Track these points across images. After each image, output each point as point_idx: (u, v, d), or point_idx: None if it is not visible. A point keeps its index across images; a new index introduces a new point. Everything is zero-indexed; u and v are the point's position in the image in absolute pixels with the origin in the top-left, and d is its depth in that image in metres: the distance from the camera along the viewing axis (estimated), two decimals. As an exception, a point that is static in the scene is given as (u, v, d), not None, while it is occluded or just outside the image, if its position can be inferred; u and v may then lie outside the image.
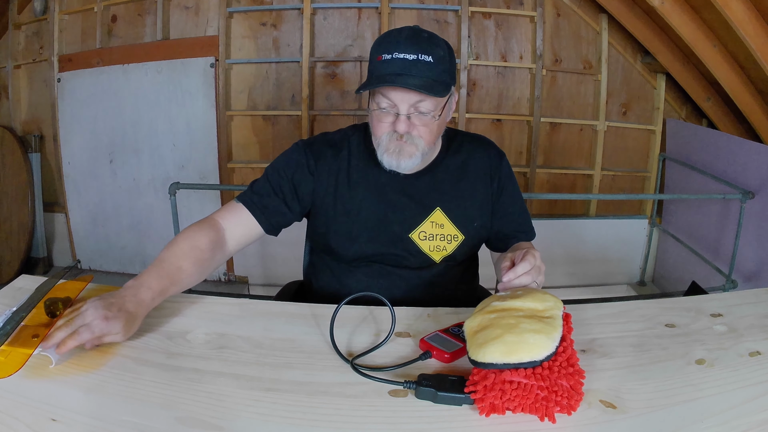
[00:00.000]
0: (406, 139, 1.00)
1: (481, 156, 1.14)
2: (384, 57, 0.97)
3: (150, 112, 2.86)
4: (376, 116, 1.01)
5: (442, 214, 1.10)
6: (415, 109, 0.98)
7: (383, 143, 1.02)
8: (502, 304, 0.77)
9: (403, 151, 1.01)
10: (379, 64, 0.98)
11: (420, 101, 0.97)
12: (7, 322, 0.80)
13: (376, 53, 0.99)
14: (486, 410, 0.67)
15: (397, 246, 1.09)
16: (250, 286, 3.00)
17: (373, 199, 1.09)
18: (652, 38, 2.63)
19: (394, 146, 1.01)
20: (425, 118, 0.99)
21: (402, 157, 1.01)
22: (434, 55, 0.96)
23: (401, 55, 0.95)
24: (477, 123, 2.92)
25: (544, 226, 2.93)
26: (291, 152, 1.11)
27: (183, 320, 0.90)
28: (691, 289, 2.29)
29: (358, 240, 1.08)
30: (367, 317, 0.93)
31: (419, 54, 0.95)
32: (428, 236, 1.09)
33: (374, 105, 1.00)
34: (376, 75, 0.98)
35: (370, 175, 1.10)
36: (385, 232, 1.08)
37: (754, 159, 2.32)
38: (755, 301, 1.01)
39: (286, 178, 1.08)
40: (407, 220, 1.09)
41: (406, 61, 0.95)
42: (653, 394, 0.72)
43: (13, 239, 2.98)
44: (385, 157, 1.02)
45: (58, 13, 2.90)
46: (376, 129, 1.02)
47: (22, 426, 0.63)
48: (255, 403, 0.69)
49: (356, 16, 2.86)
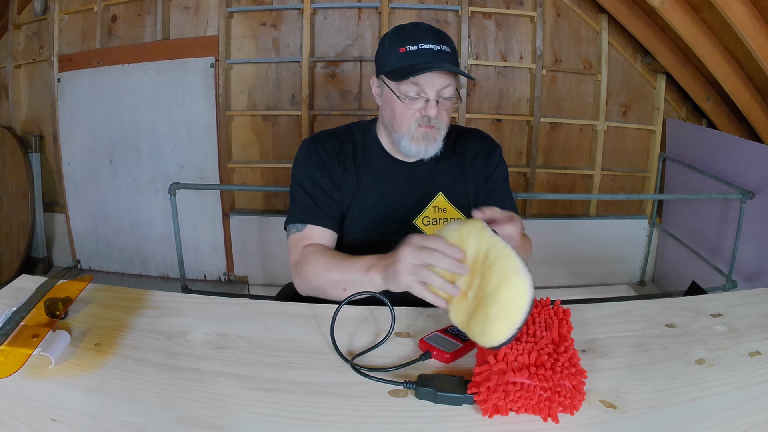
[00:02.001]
0: (434, 124, 1.05)
1: (477, 144, 1.21)
2: (409, 48, 1.02)
3: (150, 112, 2.86)
4: (403, 105, 1.05)
5: (444, 199, 1.15)
6: (440, 95, 1.04)
7: (410, 131, 1.06)
8: (461, 286, 0.76)
9: (429, 136, 1.07)
10: (405, 55, 1.03)
11: (445, 87, 1.04)
12: (7, 322, 0.80)
13: (397, 46, 1.04)
14: (489, 411, 0.67)
15: (402, 232, 1.10)
16: (250, 286, 3.00)
17: (377, 186, 1.13)
18: (652, 38, 2.63)
19: (422, 133, 1.06)
20: (448, 104, 1.06)
21: (429, 143, 1.07)
22: (450, 46, 1.05)
23: (426, 45, 1.02)
24: (477, 123, 2.92)
25: (544, 226, 2.93)
26: (304, 154, 1.14)
27: (183, 320, 0.90)
28: (691, 289, 2.29)
29: (364, 227, 1.12)
30: (368, 317, 0.93)
31: (440, 45, 1.03)
32: (432, 221, 1.14)
33: (400, 95, 1.04)
34: (406, 65, 1.03)
35: (374, 163, 1.14)
36: (389, 219, 1.12)
37: (754, 159, 2.32)
38: (755, 301, 1.01)
39: (319, 175, 1.11)
40: (411, 207, 1.13)
41: (432, 50, 1.02)
42: (653, 394, 0.72)
43: (13, 239, 2.98)
44: (412, 146, 1.07)
45: (58, 13, 2.90)
46: (402, 118, 1.06)
47: (22, 426, 0.63)
48: (255, 403, 0.69)
49: (356, 16, 2.86)
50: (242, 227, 2.93)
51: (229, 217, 2.93)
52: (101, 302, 0.94)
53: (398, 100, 1.05)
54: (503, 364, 0.67)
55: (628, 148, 3.02)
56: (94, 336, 0.84)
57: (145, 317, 0.90)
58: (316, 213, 1.09)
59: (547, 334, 0.73)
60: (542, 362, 0.68)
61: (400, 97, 1.05)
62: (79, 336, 0.84)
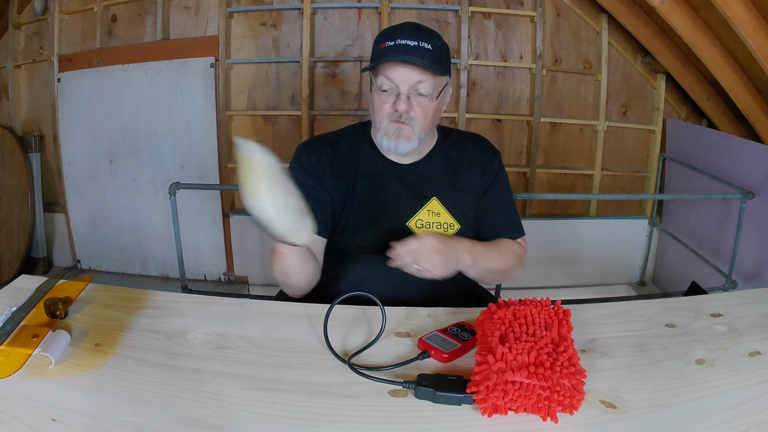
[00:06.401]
0: (405, 119, 1.05)
1: (475, 151, 1.20)
2: (387, 44, 1.04)
3: (150, 112, 2.86)
4: (377, 99, 1.06)
5: (438, 203, 1.14)
6: (415, 90, 1.04)
7: (383, 126, 1.07)
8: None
9: (401, 133, 1.06)
10: (382, 50, 1.04)
11: (420, 82, 1.03)
12: (7, 322, 0.80)
13: (379, 42, 1.06)
14: (488, 410, 0.67)
15: (395, 234, 1.11)
16: (250, 286, 3.00)
17: (371, 189, 1.13)
18: (652, 38, 2.63)
19: (393, 128, 1.06)
20: (423, 100, 1.05)
21: (400, 139, 1.07)
22: (433, 44, 1.03)
23: (403, 41, 1.02)
24: (477, 123, 2.92)
25: (544, 226, 2.93)
26: (296, 160, 1.15)
27: (183, 320, 0.90)
28: (691, 289, 2.29)
29: (358, 229, 1.12)
30: (360, 317, 0.93)
31: (420, 41, 1.03)
32: (425, 224, 1.13)
33: (375, 88, 1.06)
34: (379, 57, 1.04)
35: (368, 166, 1.14)
36: (383, 221, 1.12)
37: (754, 159, 2.32)
38: (755, 301, 1.01)
39: (311, 183, 1.11)
40: (405, 209, 1.13)
41: (408, 46, 1.02)
42: (653, 394, 0.72)
43: (13, 239, 2.98)
44: (384, 140, 1.08)
45: (58, 13, 2.89)
46: (377, 112, 1.07)
47: (22, 426, 0.63)
48: (255, 403, 0.69)
49: (356, 16, 2.85)
50: (242, 227, 2.93)
51: (229, 217, 2.93)
52: (101, 302, 0.94)
53: (373, 94, 1.07)
54: (502, 363, 0.67)
55: (628, 148, 3.02)
56: (94, 336, 0.84)
57: (145, 317, 0.90)
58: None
59: (547, 334, 0.73)
60: (541, 361, 0.68)
61: (373, 89, 1.07)
62: (79, 336, 0.84)
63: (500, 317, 0.77)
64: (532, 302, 0.81)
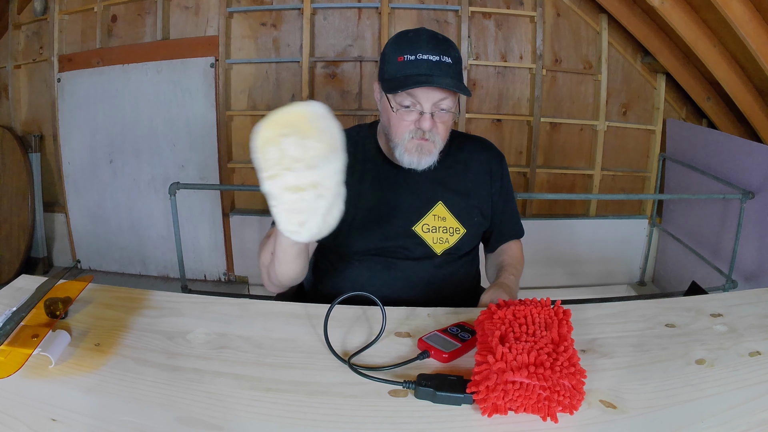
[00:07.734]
0: (428, 137, 1.03)
1: (482, 156, 1.19)
2: (407, 58, 1.00)
3: (150, 112, 2.86)
4: (398, 115, 1.04)
5: (444, 208, 1.13)
6: (437, 107, 1.02)
7: (404, 142, 1.05)
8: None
9: (424, 149, 1.05)
10: (402, 65, 1.01)
11: (442, 99, 1.01)
12: (7, 322, 0.80)
13: (396, 54, 1.02)
14: (488, 410, 0.67)
15: (402, 238, 1.12)
16: (250, 286, 3.01)
17: (377, 192, 1.12)
18: (652, 38, 2.63)
19: (415, 145, 1.04)
20: (445, 116, 1.04)
21: (423, 155, 1.05)
22: (452, 56, 1.01)
23: (425, 56, 0.99)
24: (477, 123, 2.92)
25: (544, 226, 2.93)
26: None
27: (183, 320, 0.90)
28: (691, 289, 2.28)
29: (363, 233, 1.11)
30: (360, 317, 0.93)
31: (441, 55, 1.00)
32: (431, 228, 1.12)
33: (395, 104, 1.03)
34: (402, 75, 1.01)
35: (374, 170, 1.13)
36: (389, 225, 1.11)
37: (754, 159, 2.32)
38: (755, 301, 1.01)
39: None
40: (410, 213, 1.12)
41: (430, 62, 0.99)
42: (653, 394, 0.72)
43: (13, 239, 2.98)
44: (405, 156, 1.06)
45: (58, 13, 2.89)
46: (397, 128, 1.05)
47: (22, 426, 0.63)
48: (255, 403, 0.69)
49: (356, 16, 2.85)
50: (242, 227, 2.93)
51: (229, 217, 2.93)
52: (101, 302, 0.94)
53: (393, 109, 1.03)
54: (502, 363, 0.67)
55: (628, 148, 3.02)
56: (94, 336, 0.84)
57: (145, 317, 0.90)
58: None
59: (547, 334, 0.73)
60: (541, 361, 0.68)
61: (393, 107, 1.03)
62: (79, 336, 0.84)
63: (500, 317, 0.77)
64: (532, 302, 0.81)
